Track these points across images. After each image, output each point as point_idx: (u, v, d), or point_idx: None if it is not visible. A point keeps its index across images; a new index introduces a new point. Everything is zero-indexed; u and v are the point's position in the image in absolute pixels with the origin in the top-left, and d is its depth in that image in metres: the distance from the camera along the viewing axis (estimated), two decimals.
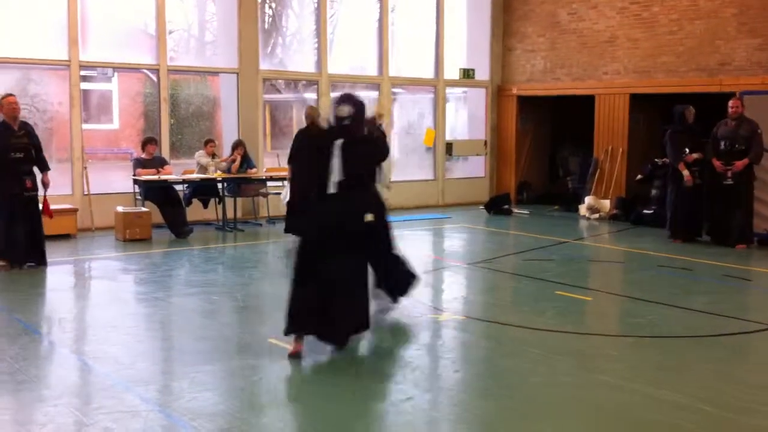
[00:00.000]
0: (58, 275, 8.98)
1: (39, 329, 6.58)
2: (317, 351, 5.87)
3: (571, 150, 16.10)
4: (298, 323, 5.75)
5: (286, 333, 5.77)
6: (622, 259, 10.58)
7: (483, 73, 16.63)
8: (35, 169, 9.09)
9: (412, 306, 7.40)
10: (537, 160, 16.83)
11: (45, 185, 9.19)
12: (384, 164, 6.76)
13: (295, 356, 5.70)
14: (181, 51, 14.37)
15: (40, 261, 9.09)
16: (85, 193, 11.89)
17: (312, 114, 10.87)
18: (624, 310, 7.78)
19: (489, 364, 5.86)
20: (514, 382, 5.36)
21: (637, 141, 14.35)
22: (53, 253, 9.72)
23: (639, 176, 13.28)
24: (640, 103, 14.35)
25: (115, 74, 13.95)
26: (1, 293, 7.92)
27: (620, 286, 9.02)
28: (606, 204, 14.24)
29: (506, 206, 15.05)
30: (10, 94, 9.25)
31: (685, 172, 11.13)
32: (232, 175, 12.28)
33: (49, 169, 9.26)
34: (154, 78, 13.18)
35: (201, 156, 12.36)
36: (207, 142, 12.58)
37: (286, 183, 11.19)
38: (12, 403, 4.87)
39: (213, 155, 12.45)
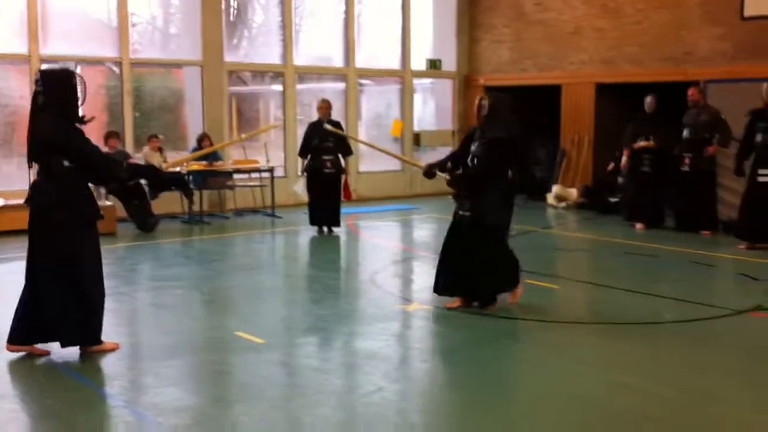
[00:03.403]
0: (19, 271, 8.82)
1: None
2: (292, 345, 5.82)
3: (538, 139, 16.12)
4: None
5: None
6: (588, 247, 10.65)
7: (450, 64, 16.63)
8: None
9: (381, 297, 7.39)
10: None
11: None
12: None
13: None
14: (145, 44, 14.16)
15: None
16: None
17: (324, 107, 11.07)
18: (591, 297, 7.82)
19: (458, 354, 5.85)
20: (482, 372, 5.35)
21: (605, 130, 14.42)
22: (14, 247, 9.54)
23: (611, 165, 13.31)
24: (606, 92, 14.42)
25: (78, 68, 13.69)
26: None
27: (587, 274, 9.07)
28: (573, 192, 14.33)
29: None
30: None
31: (624, 159, 11.71)
32: (198, 168, 12.15)
33: None
34: (117, 71, 12.99)
35: (147, 153, 12.12)
36: (150, 138, 12.38)
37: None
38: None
39: (159, 149, 12.26)
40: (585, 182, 14.49)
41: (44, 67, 5.29)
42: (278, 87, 14.95)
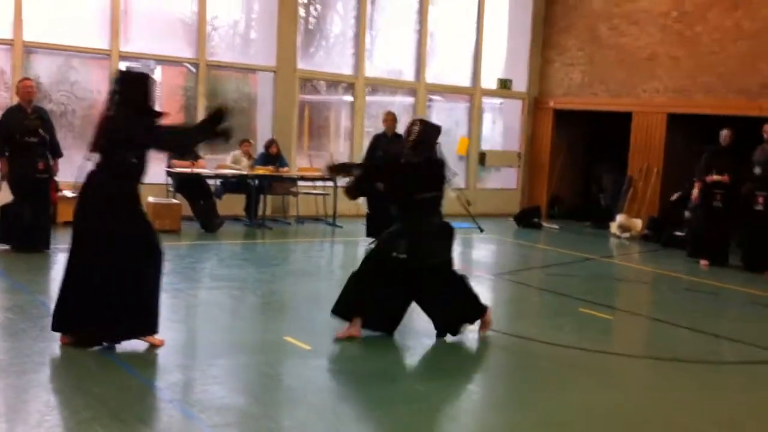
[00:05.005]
0: None
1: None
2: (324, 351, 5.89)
3: (606, 167, 15.95)
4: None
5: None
6: (649, 279, 10.46)
7: (520, 85, 16.57)
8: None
9: None
10: (570, 175, 16.69)
11: (53, 171, 9.28)
12: None
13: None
14: (224, 47, 14.47)
15: (45, 245, 9.12)
16: None
17: (389, 119, 11.17)
18: (645, 331, 7.69)
19: (503, 376, 5.83)
20: (525, 396, 5.33)
21: (674, 161, 14.17)
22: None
23: (676, 195, 13.02)
24: (677, 122, 14.18)
25: (158, 67, 14.06)
26: (21, 275, 8.03)
27: (644, 307, 8.91)
28: (638, 223, 14.09)
29: (536, 219, 14.96)
30: (27, 78, 9.46)
31: (694, 191, 11.30)
32: (263, 173, 12.34)
33: (61, 155, 9.33)
34: (195, 72, 13.29)
35: (237, 156, 12.44)
36: (242, 142, 12.66)
37: None
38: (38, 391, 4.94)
39: (249, 155, 12.53)
40: (651, 213, 14.25)
41: (123, 67, 5.57)
42: (349, 98, 15.11)
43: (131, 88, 5.64)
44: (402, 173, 6.34)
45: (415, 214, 6.27)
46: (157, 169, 12.67)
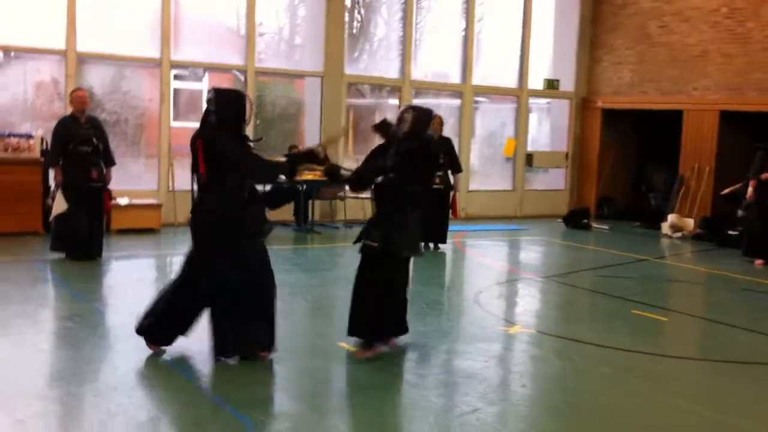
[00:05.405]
0: (143, 269, 9.24)
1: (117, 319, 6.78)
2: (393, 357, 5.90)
3: (656, 166, 15.73)
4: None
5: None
6: (703, 280, 10.29)
7: (568, 84, 16.42)
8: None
9: (483, 317, 7.36)
10: (620, 175, 16.49)
11: (107, 179, 9.45)
12: None
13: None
14: (270, 53, 14.60)
15: (98, 253, 9.27)
16: (170, 189, 12.22)
17: (435, 122, 11.07)
18: (702, 332, 7.57)
19: (557, 381, 5.78)
20: (581, 401, 5.28)
21: (727, 159, 13.91)
22: (138, 245, 10.04)
23: (728, 189, 12.71)
24: (730, 120, 13.93)
25: (206, 74, 14.27)
26: (77, 283, 8.19)
27: (699, 308, 8.77)
28: (690, 223, 13.88)
29: (585, 220, 14.80)
30: (80, 88, 9.69)
31: (749, 189, 11.06)
32: (312, 178, 12.41)
33: (114, 163, 9.52)
34: (242, 79, 13.44)
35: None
36: (290, 148, 12.72)
37: None
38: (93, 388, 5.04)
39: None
40: (703, 213, 14.01)
41: (217, 86, 5.67)
42: (394, 101, 15.12)
43: (226, 108, 5.66)
44: (392, 165, 6.04)
45: (397, 205, 6.03)
46: None
